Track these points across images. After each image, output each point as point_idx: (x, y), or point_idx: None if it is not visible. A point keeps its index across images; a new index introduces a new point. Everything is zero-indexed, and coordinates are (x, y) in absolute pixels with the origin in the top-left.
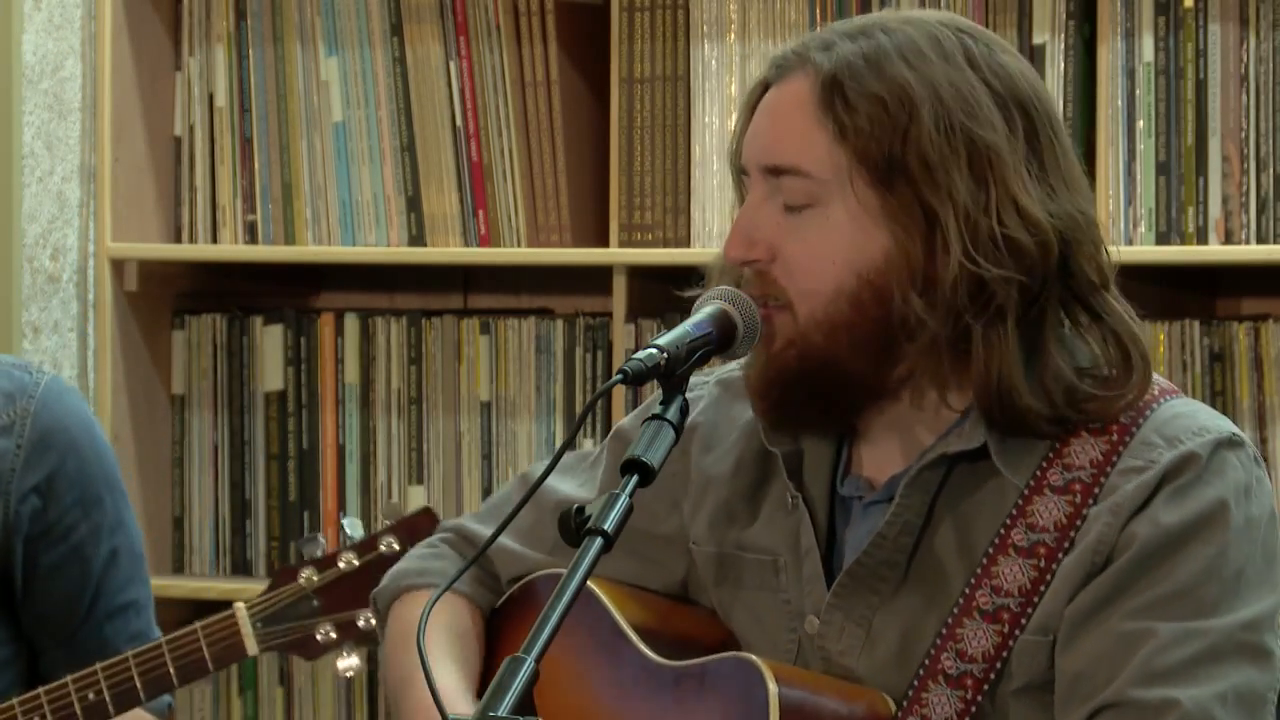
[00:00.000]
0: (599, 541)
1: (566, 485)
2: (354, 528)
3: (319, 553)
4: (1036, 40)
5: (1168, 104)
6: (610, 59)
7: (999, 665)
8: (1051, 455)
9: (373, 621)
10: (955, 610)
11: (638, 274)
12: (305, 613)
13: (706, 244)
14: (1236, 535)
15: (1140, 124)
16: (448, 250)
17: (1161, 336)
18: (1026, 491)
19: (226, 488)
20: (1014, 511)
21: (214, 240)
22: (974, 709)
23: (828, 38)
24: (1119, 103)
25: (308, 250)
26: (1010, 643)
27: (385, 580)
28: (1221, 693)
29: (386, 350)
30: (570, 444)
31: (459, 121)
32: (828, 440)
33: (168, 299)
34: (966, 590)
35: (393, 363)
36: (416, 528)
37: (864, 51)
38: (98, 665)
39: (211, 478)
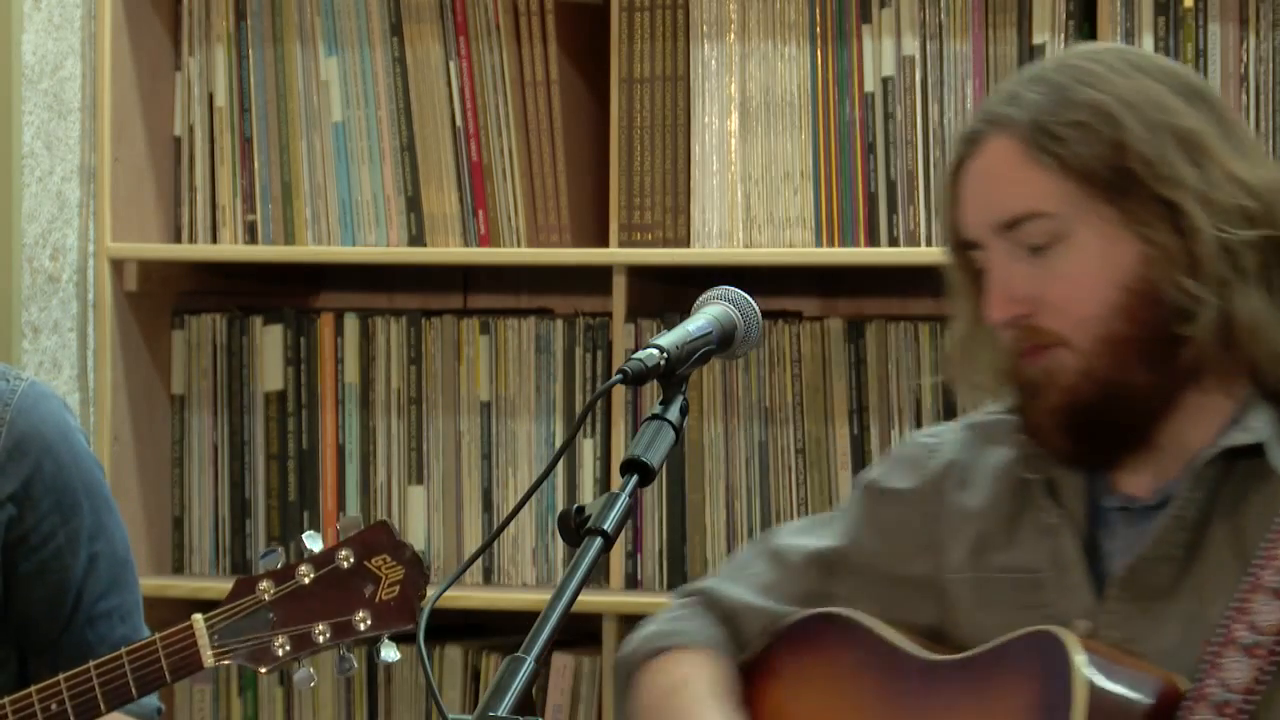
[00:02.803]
0: (599, 541)
1: (806, 540)
2: (313, 540)
3: (277, 565)
4: (1036, 40)
5: None
6: (610, 59)
7: None
8: None
9: (327, 635)
10: (1245, 587)
11: (637, 274)
12: (261, 625)
13: (706, 244)
14: None
15: None
16: (447, 250)
17: None
18: None
19: (226, 488)
20: None
21: (214, 240)
22: (1269, 676)
23: (1006, 94)
24: None
25: (307, 250)
26: None
27: (632, 644)
28: None
29: (386, 350)
30: (570, 444)
31: (459, 121)
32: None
33: (168, 299)
34: (1254, 569)
35: (392, 363)
36: (372, 541)
37: (1047, 91)
38: (60, 676)
39: (211, 478)
